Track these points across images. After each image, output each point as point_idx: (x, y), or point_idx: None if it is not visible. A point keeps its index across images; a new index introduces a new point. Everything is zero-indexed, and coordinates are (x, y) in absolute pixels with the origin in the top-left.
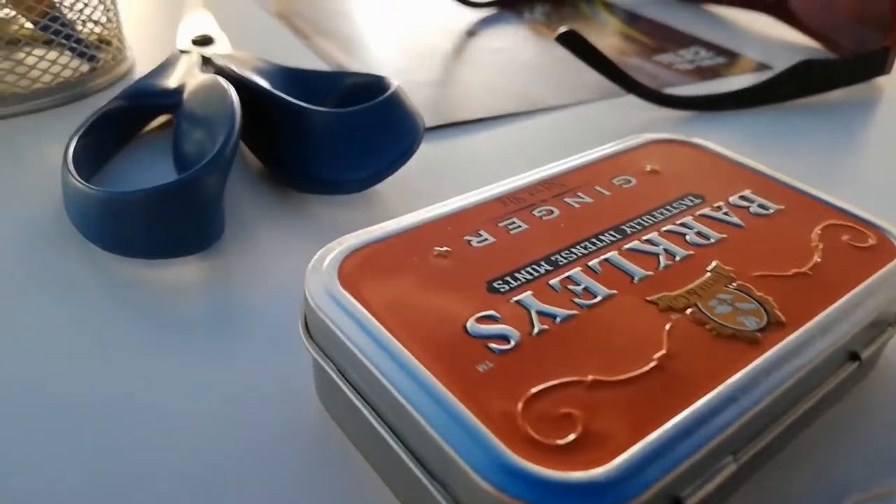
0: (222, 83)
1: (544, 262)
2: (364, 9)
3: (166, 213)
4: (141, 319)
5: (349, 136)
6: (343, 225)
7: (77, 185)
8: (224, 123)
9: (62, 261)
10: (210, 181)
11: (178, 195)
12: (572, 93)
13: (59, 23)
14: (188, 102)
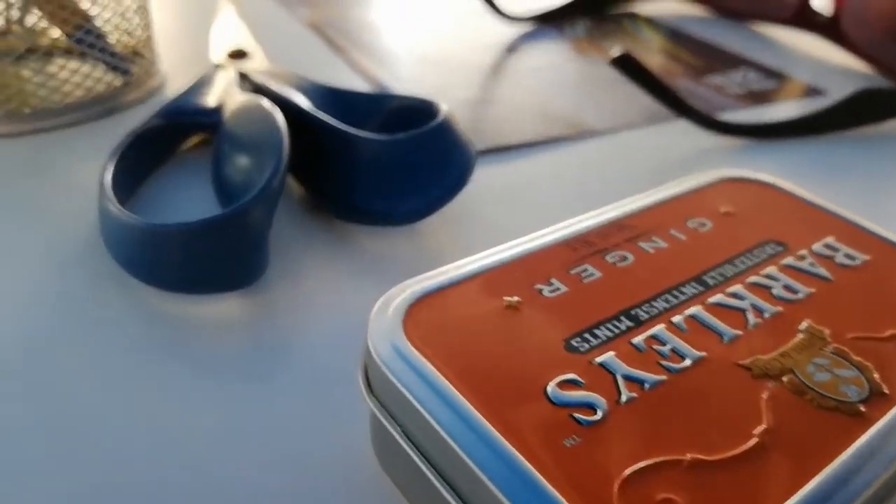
0: (267, 106)
1: (624, 316)
2: (399, 20)
3: (211, 247)
4: (182, 359)
5: (399, 165)
6: (390, 259)
7: (116, 213)
8: (271, 152)
9: (98, 291)
10: (258, 214)
11: (225, 229)
12: (621, 117)
13: (94, 35)
14: (229, 123)
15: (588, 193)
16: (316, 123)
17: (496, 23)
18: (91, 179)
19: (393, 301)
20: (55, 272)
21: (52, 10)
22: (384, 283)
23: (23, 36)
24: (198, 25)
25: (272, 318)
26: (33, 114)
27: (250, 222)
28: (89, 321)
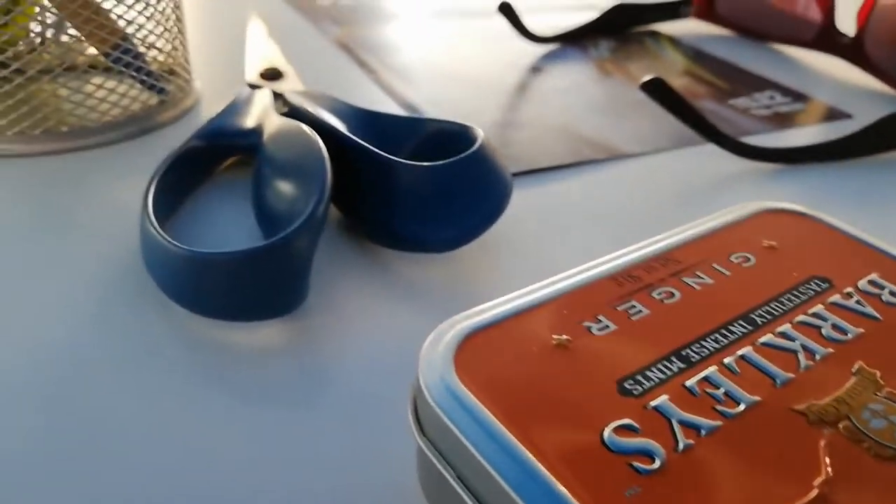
0: (309, 132)
1: (675, 357)
2: (426, 39)
3: (255, 276)
4: (223, 386)
5: (437, 192)
6: (427, 284)
7: (160, 240)
8: (315, 179)
9: (138, 314)
10: (302, 243)
11: (269, 258)
12: (648, 139)
13: (131, 55)
14: (269, 146)
15: (619, 217)
16: (354, 148)
17: (521, 42)
18: (129, 198)
19: (443, 338)
20: (95, 293)
21: (90, 29)
22: (422, 308)
23: (58, 53)
24: (229, 44)
25: (312, 345)
26: (70, 132)
27: (295, 251)
28: (130, 345)
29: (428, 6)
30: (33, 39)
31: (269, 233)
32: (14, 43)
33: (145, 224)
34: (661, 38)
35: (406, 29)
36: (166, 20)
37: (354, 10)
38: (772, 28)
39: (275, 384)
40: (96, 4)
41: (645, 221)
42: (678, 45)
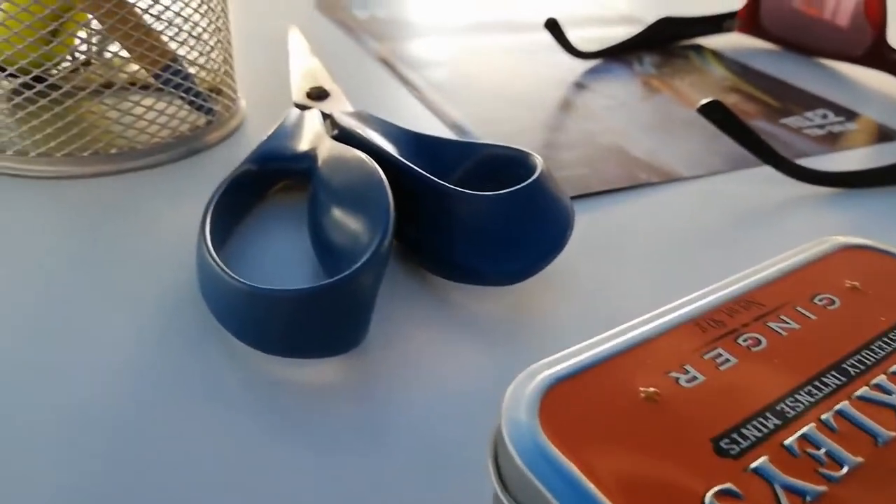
0: (368, 162)
1: (770, 412)
2: (465, 53)
3: (318, 314)
4: (283, 425)
5: (499, 223)
6: (488, 318)
7: (219, 272)
8: (377, 213)
9: (196, 348)
10: (367, 281)
11: (333, 296)
12: (702, 161)
13: (181, 76)
14: (325, 173)
15: (679, 244)
16: (409, 175)
17: (562, 56)
18: (181, 222)
19: (525, 388)
20: (151, 323)
21: (141, 50)
22: (485, 344)
23: (101, 72)
24: (270, 59)
25: (373, 383)
26: (119, 154)
27: (359, 289)
28: (184, 377)
29: (465, 19)
30: (77, 58)
31: (329, 266)
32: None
33: (203, 255)
34: (705, 53)
35: (446, 43)
36: (213, 39)
37: (393, 24)
38: (819, 43)
39: (335, 424)
40: (147, 26)
41: (706, 249)
42: (723, 59)
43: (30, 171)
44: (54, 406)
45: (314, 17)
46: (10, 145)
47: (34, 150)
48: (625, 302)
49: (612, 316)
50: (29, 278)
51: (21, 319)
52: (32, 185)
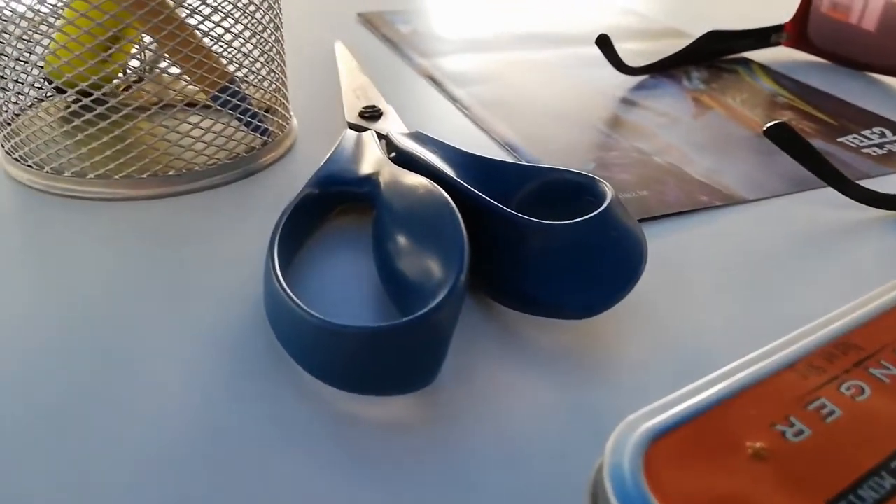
0: (439, 192)
1: (885, 470)
2: (510, 68)
3: (394, 351)
4: (356, 463)
5: (573, 254)
6: (560, 351)
7: (291, 305)
8: (452, 247)
9: (262, 378)
10: (444, 319)
11: (410, 334)
12: (763, 183)
13: (238, 97)
14: (391, 200)
15: (746, 271)
16: (476, 202)
17: (609, 71)
18: (240, 245)
19: (627, 442)
20: (216, 352)
21: (199, 72)
22: (558, 379)
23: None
24: (317, 74)
25: (446, 420)
26: (177, 176)
27: (437, 327)
28: (252, 410)
29: (507, 33)
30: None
31: (399, 300)
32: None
33: (273, 285)
34: (753, 67)
35: (489, 59)
36: (268, 57)
37: (436, 39)
38: (868, 57)
39: (407, 462)
40: (206, 48)
41: (775, 276)
42: (773, 74)
43: (88, 192)
44: (117, 438)
45: (357, 31)
46: (69, 167)
47: (92, 172)
48: (697, 334)
49: (686, 349)
50: (89, 303)
51: (81, 345)
52: (91, 206)
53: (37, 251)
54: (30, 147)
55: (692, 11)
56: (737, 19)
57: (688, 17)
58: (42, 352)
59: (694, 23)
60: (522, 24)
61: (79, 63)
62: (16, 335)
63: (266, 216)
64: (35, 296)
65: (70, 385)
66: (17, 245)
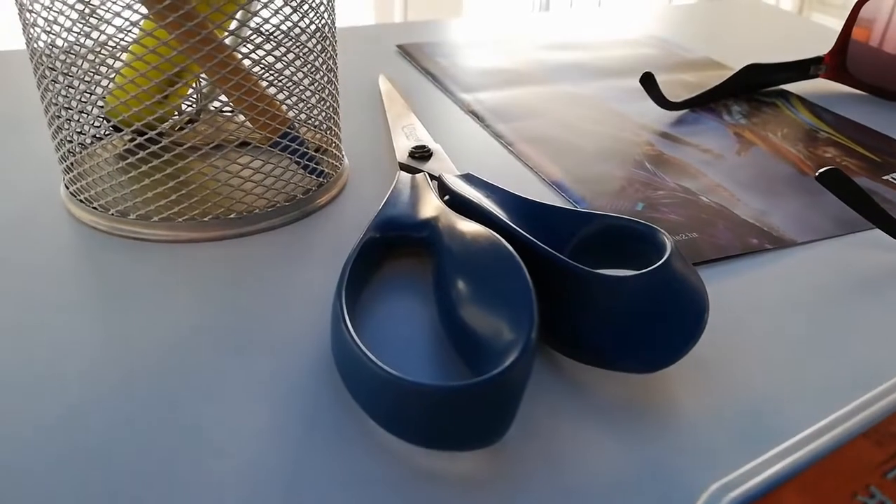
0: (504, 246)
1: None
2: (551, 103)
3: (467, 408)
4: None
5: (638, 308)
6: (628, 405)
7: (364, 359)
8: (521, 304)
9: (329, 425)
10: (517, 377)
11: (483, 392)
12: (815, 225)
13: (297, 141)
14: (451, 247)
15: (803, 318)
16: (536, 251)
17: (649, 104)
18: (302, 287)
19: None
20: (279, 394)
21: (262, 119)
22: (625, 434)
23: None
24: (364, 112)
25: (516, 476)
26: (238, 218)
27: (510, 385)
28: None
29: (545, 65)
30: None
31: (466, 352)
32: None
33: (343, 336)
34: (793, 101)
35: (529, 93)
36: (321, 99)
37: (476, 72)
38: None
39: None
40: (269, 96)
41: (833, 323)
42: (813, 108)
43: (153, 235)
44: (183, 496)
45: (397, 63)
46: (133, 210)
47: (156, 216)
48: (758, 385)
49: (748, 400)
50: (153, 348)
51: (144, 392)
52: (154, 249)
53: (101, 293)
54: (95, 191)
55: (725, 42)
56: (766, 50)
57: (714, 46)
58: (104, 397)
59: (728, 54)
60: (555, 56)
61: (135, 104)
62: (78, 380)
63: (325, 257)
64: (98, 340)
65: (133, 433)
66: (82, 287)
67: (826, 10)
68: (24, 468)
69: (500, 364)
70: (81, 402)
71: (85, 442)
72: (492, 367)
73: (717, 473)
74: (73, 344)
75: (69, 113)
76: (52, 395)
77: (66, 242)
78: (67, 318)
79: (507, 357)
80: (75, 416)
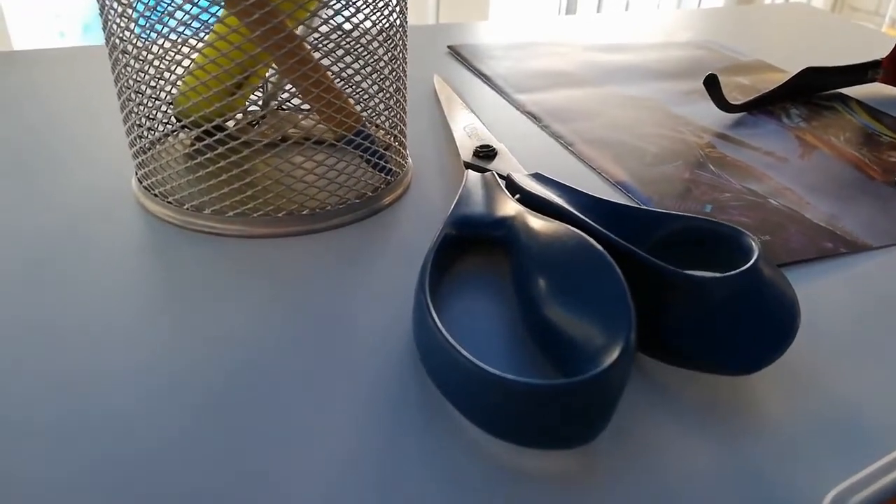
0: (593, 244)
1: None
2: (607, 104)
3: (565, 408)
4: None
5: (729, 310)
6: (716, 408)
7: (455, 355)
8: (617, 303)
9: (416, 421)
10: (617, 378)
11: (583, 393)
12: (887, 229)
13: (369, 139)
14: (533, 245)
15: (884, 323)
16: (619, 251)
17: (706, 105)
18: (378, 284)
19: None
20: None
21: (328, 111)
22: (709, 436)
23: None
24: (422, 112)
25: (606, 476)
26: (311, 215)
27: (610, 385)
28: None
29: (598, 67)
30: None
31: (554, 351)
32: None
33: (431, 330)
34: (852, 104)
35: (584, 94)
36: (389, 96)
37: (530, 73)
38: None
39: None
40: (340, 91)
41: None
42: (871, 111)
43: (228, 230)
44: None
45: (448, 65)
46: (208, 205)
47: (231, 211)
48: (844, 389)
49: (835, 404)
50: (230, 345)
51: (219, 389)
52: (228, 243)
53: (174, 287)
54: (168, 185)
55: (773, 45)
56: (813, 53)
57: (770, 51)
58: (176, 391)
59: (777, 56)
60: (605, 58)
61: (207, 105)
62: (147, 373)
63: (396, 255)
64: (170, 333)
65: (212, 430)
66: (157, 280)
67: (856, 17)
68: (106, 455)
69: (600, 364)
70: (149, 396)
71: (161, 432)
72: (586, 368)
73: (809, 475)
74: (144, 337)
75: (140, 98)
76: (122, 387)
77: (137, 234)
78: (140, 312)
79: (606, 357)
80: (145, 406)
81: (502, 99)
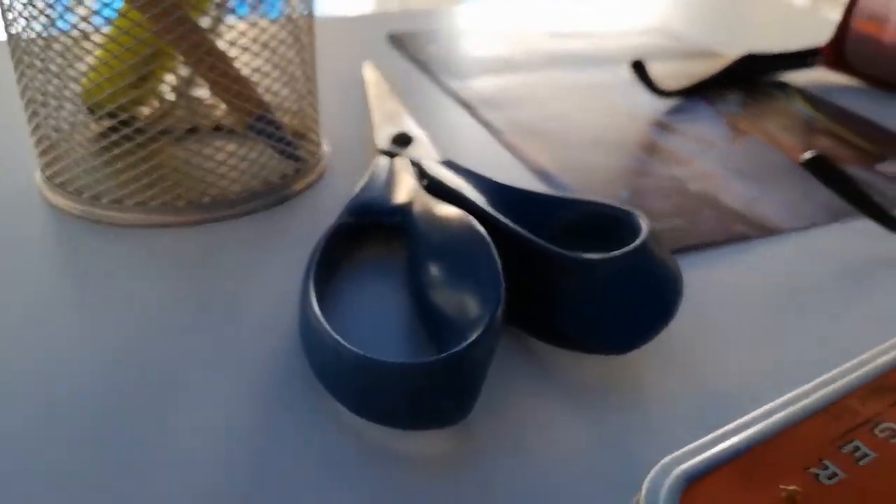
0: (475, 226)
1: None
2: (543, 91)
3: (431, 386)
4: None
5: (608, 290)
6: (594, 387)
7: (328, 339)
8: (488, 283)
9: (295, 409)
10: (480, 355)
11: (447, 370)
12: (802, 213)
13: (274, 126)
14: (425, 232)
15: (782, 307)
16: (509, 234)
17: (643, 93)
18: (275, 273)
19: (662, 485)
20: (247, 378)
21: (238, 102)
22: (590, 415)
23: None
24: (347, 100)
25: (476, 454)
26: (212, 203)
27: (473, 362)
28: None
29: (539, 53)
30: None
31: (435, 332)
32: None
33: (309, 318)
34: (790, 91)
35: (521, 80)
36: (300, 84)
37: (467, 60)
38: None
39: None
40: (243, 78)
41: (812, 311)
42: (810, 98)
43: (125, 220)
44: (155, 475)
45: (387, 52)
46: (107, 194)
47: (130, 200)
48: (729, 371)
49: (719, 386)
50: (126, 332)
51: (117, 374)
52: (127, 233)
53: (74, 278)
54: (70, 174)
55: (723, 31)
56: (772, 42)
57: (720, 37)
58: (77, 380)
59: (725, 43)
60: (554, 45)
61: (108, 86)
62: (52, 364)
63: (301, 243)
64: (71, 324)
65: (107, 417)
66: (56, 271)
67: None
68: None
69: (464, 342)
70: (50, 384)
71: (64, 420)
72: (456, 346)
73: (673, 450)
74: (44, 327)
75: (44, 98)
76: (26, 378)
77: (39, 226)
78: (39, 302)
79: (470, 335)
80: (51, 397)
81: (436, 87)
